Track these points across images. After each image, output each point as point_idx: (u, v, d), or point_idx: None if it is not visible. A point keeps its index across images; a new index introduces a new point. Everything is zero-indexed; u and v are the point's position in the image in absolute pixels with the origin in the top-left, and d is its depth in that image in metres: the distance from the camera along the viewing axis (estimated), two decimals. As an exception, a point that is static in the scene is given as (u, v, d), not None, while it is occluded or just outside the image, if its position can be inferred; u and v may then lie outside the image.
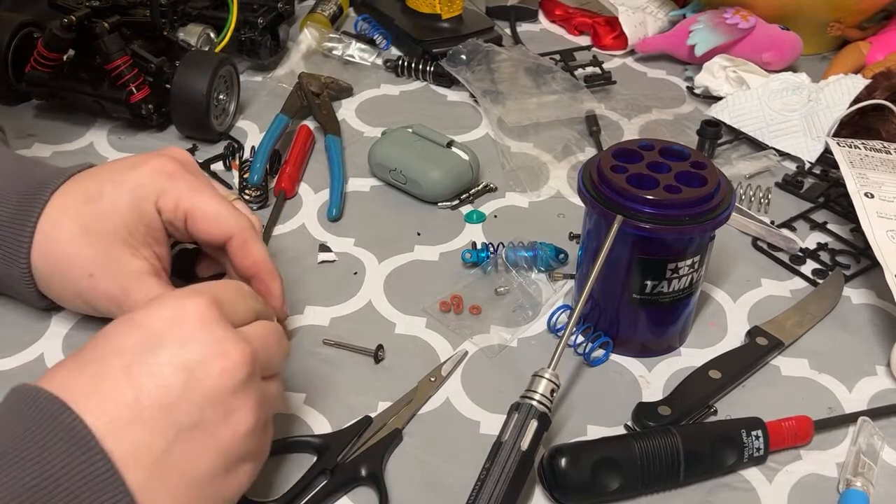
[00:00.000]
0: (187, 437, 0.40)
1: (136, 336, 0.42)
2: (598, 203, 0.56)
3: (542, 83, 0.91)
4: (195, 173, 0.57)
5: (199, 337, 0.42)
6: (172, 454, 0.40)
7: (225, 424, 0.42)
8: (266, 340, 0.46)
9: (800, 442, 0.55)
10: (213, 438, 0.41)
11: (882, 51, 0.97)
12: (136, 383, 0.40)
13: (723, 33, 0.96)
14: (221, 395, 0.42)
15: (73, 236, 0.55)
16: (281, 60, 0.97)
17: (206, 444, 0.41)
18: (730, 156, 0.84)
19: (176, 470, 0.40)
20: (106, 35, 0.78)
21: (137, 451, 0.39)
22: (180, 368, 0.41)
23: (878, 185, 0.70)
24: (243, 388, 0.42)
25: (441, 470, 0.53)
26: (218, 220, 0.55)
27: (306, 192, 0.78)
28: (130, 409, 0.39)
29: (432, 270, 0.69)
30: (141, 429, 0.39)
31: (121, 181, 0.55)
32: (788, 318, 0.65)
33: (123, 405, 0.39)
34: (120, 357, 0.41)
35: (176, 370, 0.41)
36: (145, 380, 0.40)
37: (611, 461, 0.50)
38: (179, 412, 0.40)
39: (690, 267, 0.58)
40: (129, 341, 0.41)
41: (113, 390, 0.40)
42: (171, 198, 0.54)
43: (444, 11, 1.00)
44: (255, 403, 0.43)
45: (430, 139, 0.77)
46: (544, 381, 0.51)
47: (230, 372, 0.42)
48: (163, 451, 0.40)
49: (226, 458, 0.42)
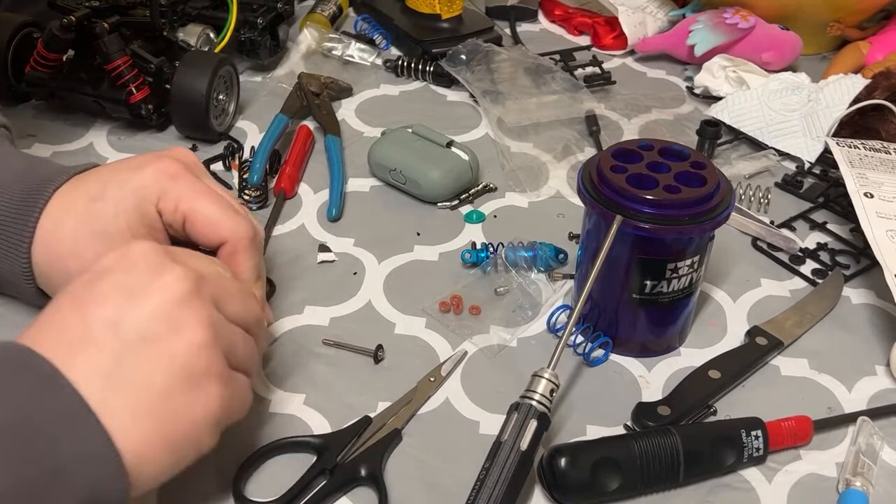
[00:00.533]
0: (136, 350, 0.42)
1: (85, 277, 0.45)
2: (598, 203, 0.56)
3: (542, 83, 0.91)
4: (199, 175, 0.57)
5: (140, 263, 0.44)
6: (123, 367, 0.42)
7: (174, 337, 0.43)
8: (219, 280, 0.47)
9: (799, 442, 0.55)
10: (163, 350, 0.43)
11: (882, 51, 0.97)
12: (82, 311, 0.43)
13: (722, 33, 0.96)
14: (165, 308, 0.43)
15: (76, 235, 0.55)
16: (281, 60, 0.97)
17: (156, 357, 0.43)
18: (729, 156, 0.84)
19: (130, 383, 0.42)
20: (106, 35, 0.78)
21: (89, 369, 0.41)
22: (122, 290, 0.43)
23: (878, 185, 0.70)
24: (187, 301, 0.44)
25: (440, 470, 0.53)
26: (215, 224, 0.54)
27: (306, 192, 0.78)
28: (78, 334, 0.42)
29: (432, 270, 0.69)
30: (89, 349, 0.41)
31: (124, 181, 0.55)
32: (788, 317, 0.65)
33: (72, 331, 0.42)
34: (70, 295, 0.44)
35: (118, 293, 0.43)
36: (90, 306, 0.43)
37: (610, 461, 0.50)
38: (124, 328, 0.42)
39: (690, 267, 0.58)
40: (78, 282, 0.44)
41: (62, 321, 0.43)
42: (172, 199, 0.54)
43: (444, 11, 1.00)
44: (204, 318, 0.44)
45: (429, 139, 0.77)
46: (544, 381, 0.51)
47: (171, 285, 0.44)
48: (113, 365, 0.41)
49: (182, 371, 0.43)
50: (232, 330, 0.47)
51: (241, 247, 0.55)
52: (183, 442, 0.44)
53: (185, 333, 0.43)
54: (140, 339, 0.42)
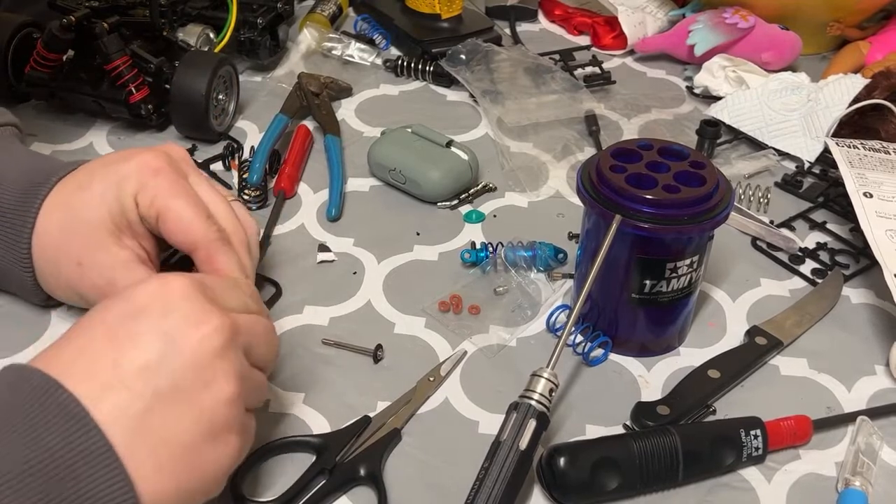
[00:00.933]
0: (167, 400, 0.41)
1: (120, 307, 0.43)
2: (597, 203, 0.56)
3: (542, 83, 0.91)
4: (185, 172, 0.56)
5: (179, 307, 0.43)
6: (152, 416, 0.41)
7: (205, 390, 0.43)
8: (253, 327, 0.47)
9: (799, 441, 0.55)
10: (193, 403, 0.42)
11: (881, 50, 0.97)
12: (117, 349, 0.42)
13: (722, 33, 0.96)
14: (200, 361, 0.43)
15: (63, 225, 0.55)
16: (280, 60, 0.97)
17: (185, 409, 0.42)
18: (729, 155, 0.84)
19: (156, 432, 0.41)
20: (105, 35, 0.78)
21: (117, 412, 0.40)
22: (160, 334, 0.42)
23: (877, 185, 0.70)
24: (222, 355, 0.43)
25: (440, 470, 0.53)
26: (185, 227, 0.54)
27: (305, 192, 0.78)
28: (110, 374, 0.41)
29: (431, 270, 0.69)
30: (120, 392, 0.41)
31: (109, 172, 0.55)
32: (787, 317, 0.65)
33: (104, 370, 0.41)
34: (103, 326, 0.43)
35: (155, 336, 0.42)
36: (125, 345, 0.42)
37: (610, 461, 0.50)
38: (158, 375, 0.41)
39: (689, 266, 0.58)
40: (112, 312, 0.43)
41: (95, 357, 0.41)
42: (149, 194, 0.54)
43: (444, 11, 1.00)
44: (235, 372, 0.44)
45: (429, 139, 0.77)
46: (543, 381, 0.51)
47: (209, 338, 0.43)
48: (142, 412, 0.41)
49: (208, 424, 0.43)
50: (256, 377, 0.47)
51: (214, 249, 0.54)
52: (196, 491, 0.44)
53: (215, 388, 0.43)
54: (171, 389, 0.42)
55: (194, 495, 0.44)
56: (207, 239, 0.54)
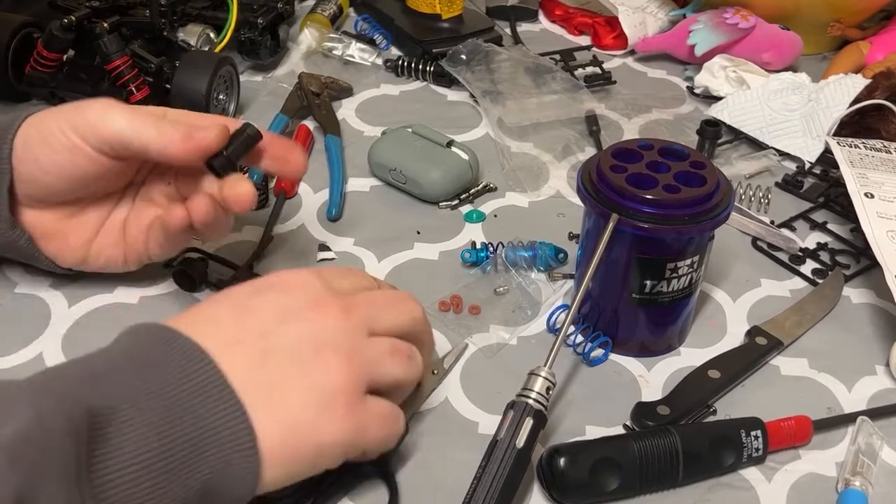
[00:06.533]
0: (282, 362, 0.45)
1: (246, 287, 0.48)
2: (598, 203, 0.56)
3: (542, 83, 0.91)
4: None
5: (299, 288, 0.48)
6: (266, 370, 0.44)
7: (316, 358, 0.45)
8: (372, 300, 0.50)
9: (799, 442, 0.55)
10: (305, 368, 0.45)
11: (882, 51, 0.97)
12: (239, 318, 0.46)
13: (723, 33, 0.96)
14: (315, 335, 0.46)
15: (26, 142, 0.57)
16: (281, 60, 0.97)
17: (297, 371, 0.45)
18: (730, 156, 0.84)
19: (270, 385, 0.44)
20: (105, 35, 0.78)
21: (236, 362, 0.43)
22: (279, 308, 0.46)
23: (879, 185, 0.70)
24: (334, 339, 0.46)
25: (439, 469, 0.53)
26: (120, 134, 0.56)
27: (306, 192, 0.78)
28: (232, 335, 0.45)
29: (432, 270, 0.69)
30: (238, 347, 0.44)
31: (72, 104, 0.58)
32: (788, 317, 0.65)
33: (226, 331, 0.45)
34: (228, 300, 0.47)
35: (275, 310, 0.46)
36: (247, 315, 0.46)
37: (610, 461, 0.50)
38: (275, 341, 0.45)
39: (690, 267, 0.58)
40: (238, 291, 0.48)
41: (218, 321, 0.46)
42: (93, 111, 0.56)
43: (444, 11, 1.00)
44: (347, 356, 0.46)
45: (429, 139, 0.77)
46: (540, 379, 0.51)
47: (324, 315, 0.47)
48: (257, 364, 0.44)
49: (316, 392, 0.45)
50: (377, 353, 0.48)
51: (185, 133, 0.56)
52: (304, 455, 0.45)
53: (325, 359, 0.45)
54: (285, 351, 0.45)
55: (301, 462, 0.45)
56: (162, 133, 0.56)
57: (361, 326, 0.48)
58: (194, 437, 0.41)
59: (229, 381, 0.42)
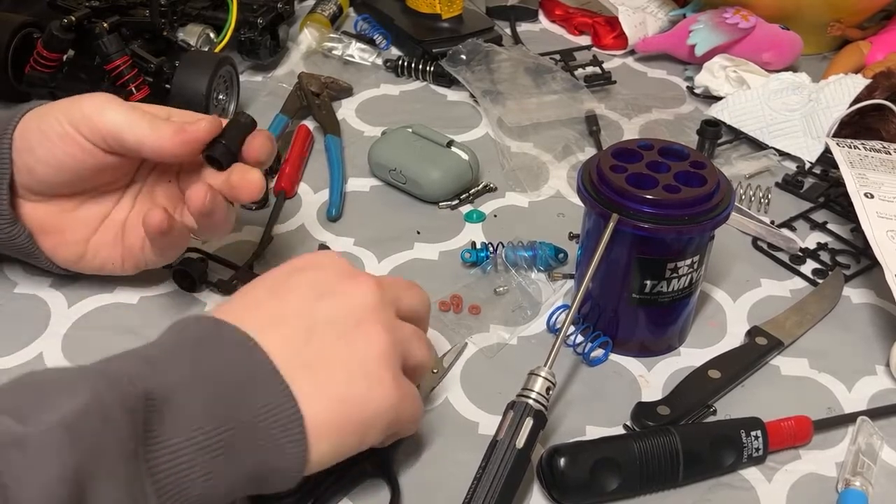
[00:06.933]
0: (323, 334, 0.46)
1: (279, 271, 0.50)
2: (598, 203, 0.56)
3: (542, 83, 0.91)
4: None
5: (331, 266, 0.49)
6: (310, 346, 0.45)
7: (357, 330, 0.47)
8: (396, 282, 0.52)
9: (799, 442, 0.55)
10: (347, 339, 0.46)
11: (882, 51, 0.97)
12: (277, 299, 0.47)
13: (723, 33, 0.96)
14: (352, 307, 0.47)
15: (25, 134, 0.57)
16: (281, 60, 0.97)
17: (340, 344, 0.46)
18: (730, 156, 0.84)
19: (315, 361, 0.45)
20: (105, 35, 0.78)
21: (280, 342, 0.44)
22: (314, 284, 0.48)
23: (878, 186, 0.70)
24: (373, 305, 0.48)
25: (439, 469, 0.53)
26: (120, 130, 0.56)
27: (306, 192, 0.78)
28: (272, 317, 0.46)
29: (432, 270, 0.69)
30: (282, 327, 0.45)
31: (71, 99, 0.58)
32: (788, 317, 0.65)
33: (266, 314, 0.46)
34: (264, 285, 0.49)
35: (310, 286, 0.48)
36: (285, 296, 0.47)
37: (610, 461, 0.50)
38: (314, 316, 0.46)
39: (690, 267, 0.58)
40: (273, 275, 0.49)
41: (258, 306, 0.47)
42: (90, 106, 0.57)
43: (444, 11, 1.00)
44: (385, 321, 0.48)
45: (429, 139, 0.77)
46: (540, 380, 0.51)
47: (359, 289, 0.48)
48: (302, 342, 0.45)
49: (360, 362, 0.46)
50: (407, 331, 0.50)
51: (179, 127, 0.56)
52: (353, 430, 0.46)
53: (366, 329, 0.47)
54: (327, 327, 0.46)
55: (350, 435, 0.46)
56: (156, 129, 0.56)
57: (392, 302, 0.50)
58: (245, 421, 0.42)
59: (275, 364, 0.43)
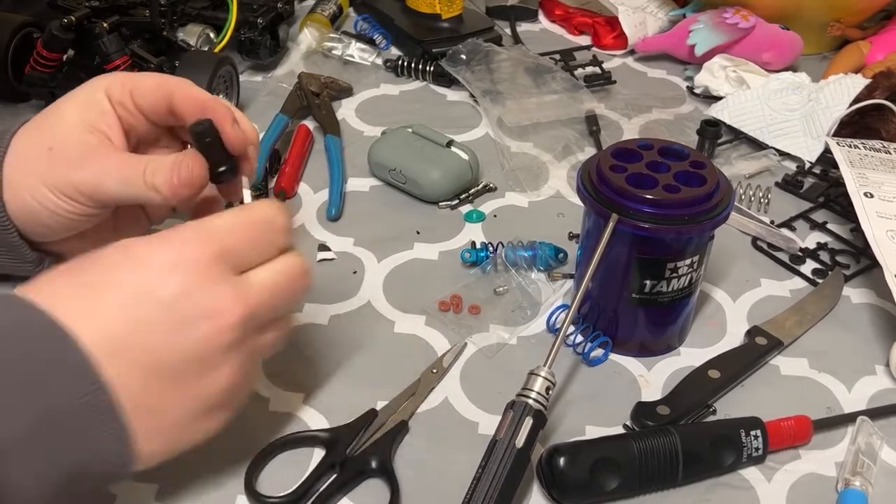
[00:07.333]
0: (166, 383, 0.43)
1: (137, 274, 0.43)
2: (598, 203, 0.56)
3: (542, 83, 0.91)
4: None
5: (196, 291, 0.43)
6: (150, 394, 0.42)
7: (206, 377, 0.44)
8: (275, 287, 0.47)
9: (799, 441, 0.55)
10: (192, 388, 0.44)
11: (882, 50, 0.97)
12: (128, 323, 0.42)
13: (723, 33, 0.96)
14: (206, 353, 0.43)
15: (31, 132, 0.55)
16: (281, 60, 0.97)
17: (183, 392, 0.43)
18: (730, 155, 0.84)
19: (154, 411, 0.43)
20: (105, 35, 0.78)
21: (118, 384, 0.41)
22: (172, 321, 0.43)
23: (878, 185, 0.70)
24: (229, 349, 0.44)
25: (439, 469, 0.53)
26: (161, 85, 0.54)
27: (306, 192, 0.78)
28: (117, 345, 0.41)
29: (432, 270, 0.69)
30: (122, 364, 0.41)
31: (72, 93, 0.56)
32: (788, 317, 0.65)
33: (112, 339, 0.41)
34: (118, 291, 0.43)
35: (167, 321, 0.42)
36: (135, 324, 0.42)
37: (609, 461, 0.50)
38: (162, 359, 0.42)
39: (690, 266, 0.58)
40: (128, 276, 0.43)
41: (106, 323, 0.42)
42: (118, 80, 0.54)
43: (444, 11, 1.00)
44: (240, 363, 0.45)
45: (429, 139, 0.77)
46: (540, 379, 0.51)
47: (219, 334, 0.44)
48: (139, 390, 0.42)
49: (202, 406, 0.44)
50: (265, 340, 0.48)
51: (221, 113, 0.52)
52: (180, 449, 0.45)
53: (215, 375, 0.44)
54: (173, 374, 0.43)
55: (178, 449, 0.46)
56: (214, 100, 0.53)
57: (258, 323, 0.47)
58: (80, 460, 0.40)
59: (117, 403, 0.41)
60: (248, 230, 0.47)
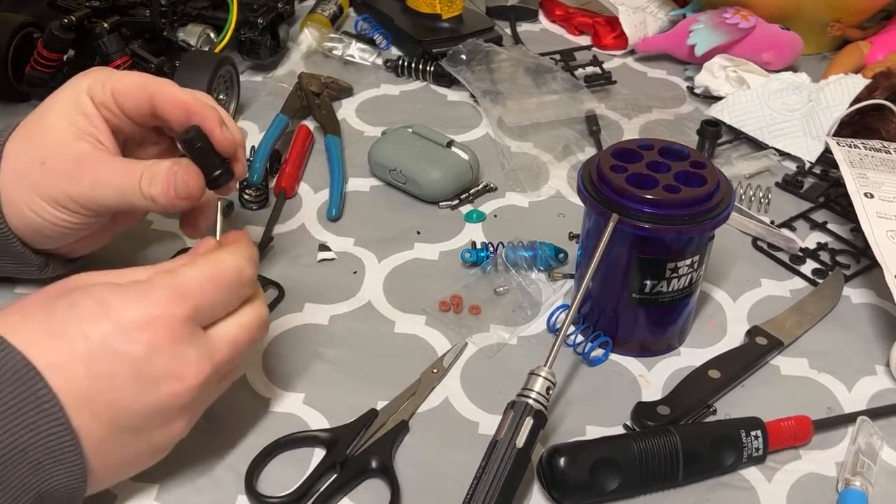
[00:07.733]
0: (125, 433, 0.45)
1: (107, 328, 0.44)
2: (598, 203, 0.56)
3: (542, 83, 0.91)
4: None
5: (164, 351, 0.44)
6: (109, 440, 0.44)
7: (162, 429, 0.46)
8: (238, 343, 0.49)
9: (799, 441, 0.55)
10: (147, 436, 0.46)
11: (882, 50, 0.97)
12: (94, 379, 0.43)
13: (723, 33, 0.96)
14: (167, 411, 0.46)
15: (21, 144, 0.55)
16: (281, 60, 0.97)
17: (139, 438, 0.46)
18: (730, 156, 0.84)
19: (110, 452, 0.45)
20: (105, 35, 0.78)
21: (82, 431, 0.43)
22: (137, 378, 0.44)
23: (878, 185, 0.70)
24: (188, 406, 0.47)
25: (439, 469, 0.53)
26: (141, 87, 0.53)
27: (306, 192, 0.78)
28: (82, 399, 0.43)
29: (432, 270, 0.69)
30: (86, 414, 0.43)
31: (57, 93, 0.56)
32: (788, 317, 0.65)
33: (78, 391, 0.43)
34: (87, 344, 0.43)
35: (132, 378, 0.44)
36: (101, 380, 0.43)
37: (610, 461, 0.50)
38: (124, 413, 0.44)
39: (690, 266, 0.58)
40: (98, 330, 0.44)
41: (74, 376, 0.43)
42: (99, 80, 0.54)
43: (444, 11, 1.00)
44: (194, 414, 0.48)
45: (430, 139, 0.77)
46: (540, 379, 0.51)
47: (181, 395, 0.45)
48: (100, 438, 0.44)
49: (154, 449, 0.47)
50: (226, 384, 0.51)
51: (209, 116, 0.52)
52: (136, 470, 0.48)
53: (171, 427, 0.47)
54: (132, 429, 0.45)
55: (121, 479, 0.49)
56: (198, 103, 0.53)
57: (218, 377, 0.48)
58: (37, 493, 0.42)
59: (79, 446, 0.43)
60: (218, 288, 0.48)
